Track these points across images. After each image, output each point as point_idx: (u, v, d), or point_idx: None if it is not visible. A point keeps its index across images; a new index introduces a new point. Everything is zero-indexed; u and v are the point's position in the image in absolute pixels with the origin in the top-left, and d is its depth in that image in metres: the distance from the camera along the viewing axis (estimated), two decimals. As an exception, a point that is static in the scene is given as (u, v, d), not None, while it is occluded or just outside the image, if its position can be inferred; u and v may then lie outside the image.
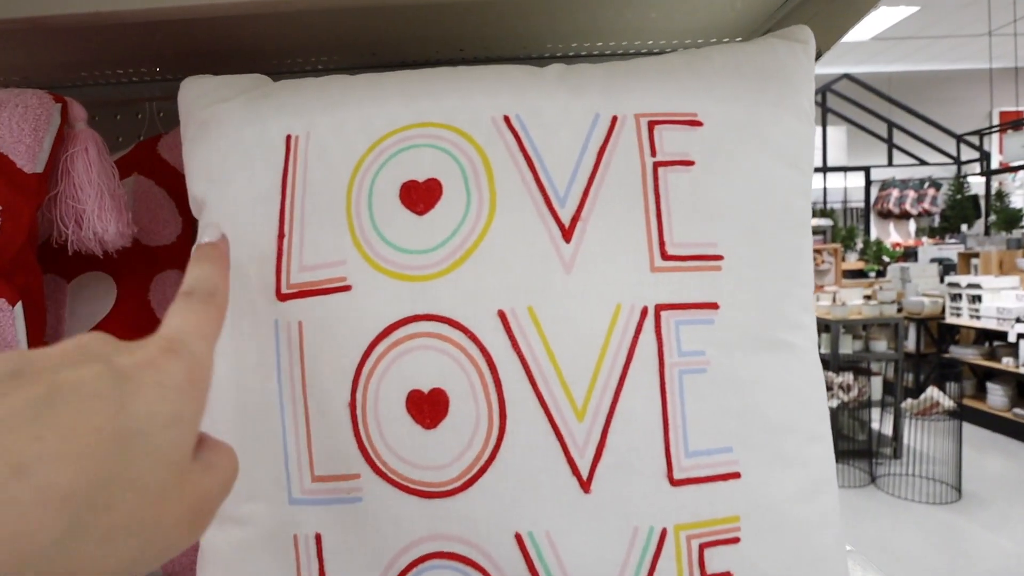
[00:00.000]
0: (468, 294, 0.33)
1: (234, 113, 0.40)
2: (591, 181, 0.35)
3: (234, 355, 0.36)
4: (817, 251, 4.84)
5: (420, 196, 0.35)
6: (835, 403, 3.61)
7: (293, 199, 0.36)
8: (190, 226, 0.63)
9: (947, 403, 3.37)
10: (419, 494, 0.33)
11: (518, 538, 0.32)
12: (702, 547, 0.33)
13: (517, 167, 0.35)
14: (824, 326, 3.95)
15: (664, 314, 0.33)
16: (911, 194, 7.67)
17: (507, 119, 0.36)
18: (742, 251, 0.35)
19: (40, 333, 0.48)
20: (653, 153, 0.35)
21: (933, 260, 5.71)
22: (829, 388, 3.69)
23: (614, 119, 0.36)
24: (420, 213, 0.34)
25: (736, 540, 0.33)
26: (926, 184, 7.64)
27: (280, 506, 0.34)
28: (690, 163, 0.35)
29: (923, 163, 7.14)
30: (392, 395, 0.33)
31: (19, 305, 0.46)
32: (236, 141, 0.39)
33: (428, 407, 0.33)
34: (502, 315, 0.33)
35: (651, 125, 0.36)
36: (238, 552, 0.36)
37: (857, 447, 3.74)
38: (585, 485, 0.32)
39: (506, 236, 0.34)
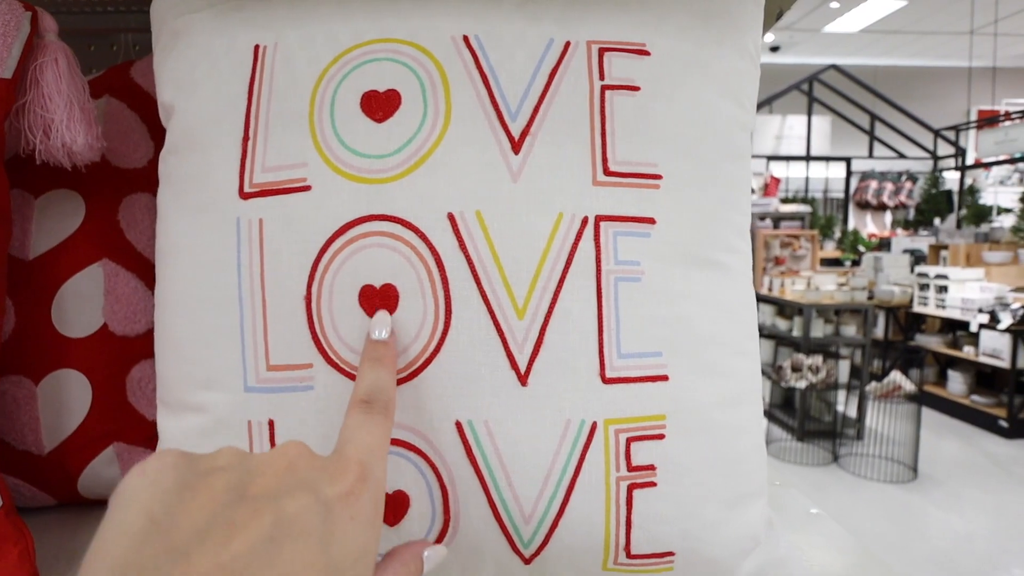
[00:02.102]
0: (421, 197, 0.35)
1: (205, 23, 0.41)
2: (542, 99, 0.37)
3: (196, 249, 0.38)
4: (795, 237, 4.92)
5: (380, 105, 0.36)
6: (803, 384, 3.70)
7: (259, 105, 0.38)
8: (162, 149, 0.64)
9: (908, 387, 3.48)
10: (368, 383, 0.35)
11: (458, 426, 0.35)
12: (629, 440, 0.35)
13: (473, 83, 0.37)
14: (797, 309, 4.03)
15: (603, 224, 0.36)
16: (889, 186, 7.80)
17: (466, 39, 0.38)
18: (680, 173, 0.38)
19: (5, 244, 0.49)
20: (602, 77, 0.37)
21: (906, 251, 5.83)
22: (799, 369, 3.78)
23: (567, 44, 0.38)
24: (379, 121, 0.36)
25: (661, 436, 0.36)
26: (904, 177, 7.76)
27: (236, 394, 0.36)
28: (636, 88, 0.37)
29: (902, 156, 7.24)
30: (346, 289, 0.35)
31: (-14, 211, 0.47)
32: (206, 50, 0.40)
33: (379, 301, 0.35)
34: (451, 217, 0.35)
35: (601, 52, 0.38)
36: (194, 438, 0.38)
37: (822, 427, 3.86)
38: (523, 379, 0.35)
39: (459, 145, 0.36)
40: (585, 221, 0.36)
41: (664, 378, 0.36)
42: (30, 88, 0.50)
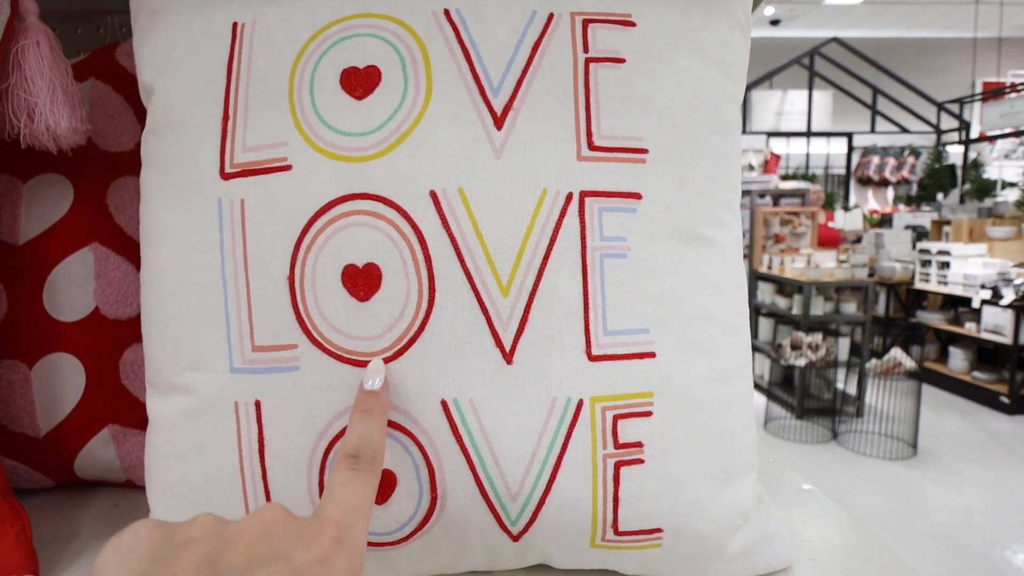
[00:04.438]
0: (402, 174, 0.34)
1: (183, 2, 0.40)
2: (524, 73, 0.36)
3: (178, 230, 0.37)
4: (795, 214, 4.90)
5: (360, 82, 0.36)
6: (803, 362, 3.71)
7: (238, 84, 0.37)
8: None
9: (909, 364, 3.48)
10: (353, 363, 0.35)
11: (444, 405, 0.35)
12: (616, 418, 0.35)
13: (454, 58, 0.36)
14: (797, 287, 4.03)
15: (588, 200, 0.35)
16: (891, 161, 7.73)
17: (447, 12, 0.37)
18: (667, 147, 0.37)
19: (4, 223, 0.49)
20: (586, 50, 0.37)
21: (908, 227, 5.81)
22: (798, 348, 3.79)
23: (550, 16, 0.37)
24: (359, 98, 0.36)
25: (648, 414, 0.36)
26: (906, 152, 7.69)
27: (222, 375, 0.36)
28: (621, 60, 0.37)
29: (905, 131, 7.17)
30: (328, 269, 0.35)
31: (-29, 195, 0.46)
32: (184, 28, 0.39)
33: (362, 280, 0.34)
34: (434, 195, 0.34)
35: (585, 23, 0.37)
36: (182, 419, 0.38)
37: (822, 405, 3.87)
38: (508, 357, 0.35)
39: (440, 121, 0.35)
40: (570, 197, 0.35)
41: (651, 355, 0.36)
42: (12, 71, 0.49)
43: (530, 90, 0.36)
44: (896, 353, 3.50)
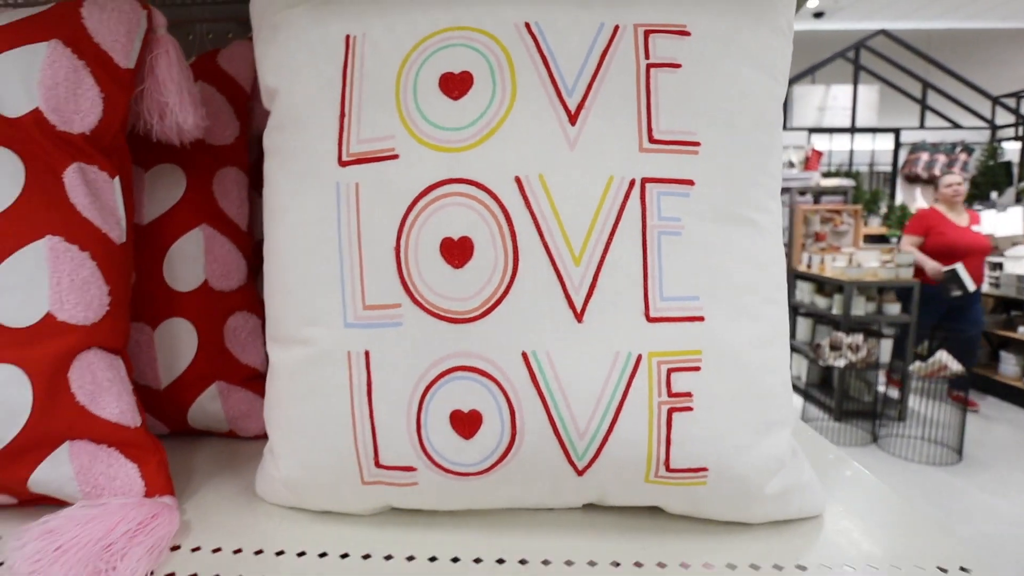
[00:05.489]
0: (492, 163, 0.41)
1: (301, 17, 0.47)
2: (594, 77, 0.42)
3: (301, 209, 0.45)
4: (836, 212, 4.82)
5: (455, 85, 0.43)
6: (842, 363, 3.66)
7: (352, 87, 0.44)
8: (246, 128, 0.71)
9: (955, 367, 3.41)
10: (448, 320, 0.42)
11: (524, 356, 0.41)
12: (669, 371, 0.42)
13: (534, 64, 0.43)
14: (838, 287, 3.97)
15: (648, 186, 0.41)
16: (941, 158, 7.49)
17: (528, 25, 0.43)
18: (717, 141, 0.43)
19: (131, 205, 0.57)
20: (647, 56, 0.43)
21: (957, 227, 5.62)
22: (838, 348, 3.74)
23: (616, 28, 0.43)
24: (455, 99, 0.42)
25: (698, 368, 0.42)
26: (958, 148, 7.44)
27: (337, 329, 0.44)
28: (677, 65, 0.43)
29: (956, 126, 6.94)
30: (429, 241, 0.41)
31: (117, 179, 0.55)
32: (304, 41, 0.47)
33: (457, 251, 0.41)
34: (518, 180, 0.41)
35: (646, 33, 0.43)
36: (301, 367, 0.45)
37: (861, 407, 3.81)
38: (579, 317, 0.41)
39: (523, 118, 0.42)
40: (632, 183, 0.41)
41: (701, 319, 0.42)
42: (147, 76, 0.57)
43: (599, 91, 0.42)
44: (942, 356, 3.43)
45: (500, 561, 0.42)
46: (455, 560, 0.42)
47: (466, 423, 0.42)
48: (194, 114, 0.58)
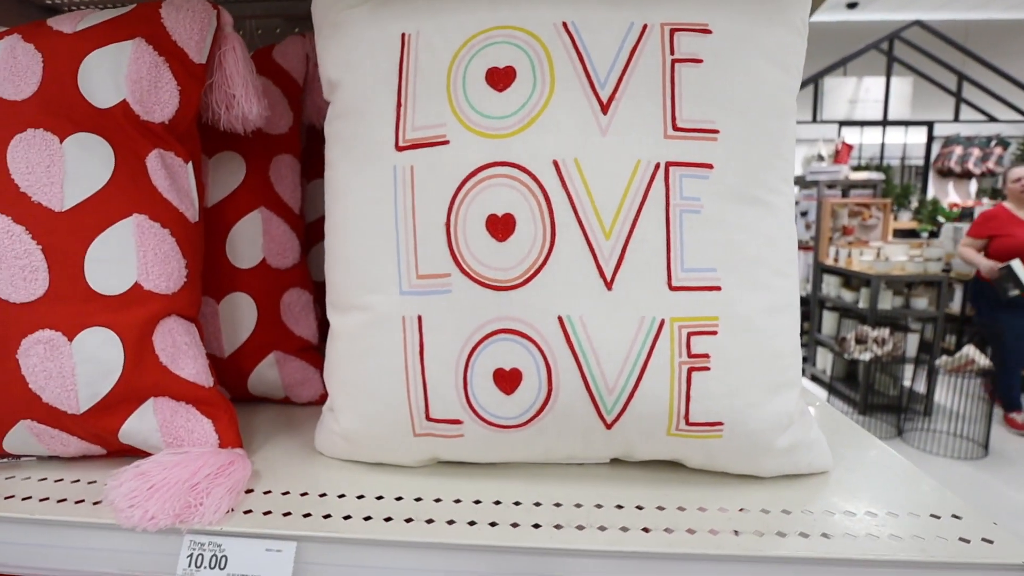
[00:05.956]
0: (532, 148, 0.46)
1: (361, 17, 0.53)
2: (624, 71, 0.47)
3: (361, 190, 0.50)
4: (865, 206, 4.77)
5: (500, 78, 0.48)
6: (867, 356, 3.64)
7: (407, 80, 0.50)
8: (299, 118, 0.77)
9: (983, 362, 3.37)
10: (492, 287, 0.47)
11: (560, 320, 0.46)
12: (689, 334, 0.46)
13: (571, 59, 0.47)
14: (865, 281, 3.94)
15: (672, 169, 0.46)
16: (975, 152, 7.33)
17: (565, 24, 0.48)
18: (734, 129, 0.47)
19: (201, 188, 0.64)
20: (672, 53, 0.47)
21: (990, 221, 5.51)
22: (863, 342, 3.72)
23: (644, 26, 0.48)
24: (500, 91, 0.48)
25: (715, 332, 0.47)
26: (993, 142, 7.27)
27: (393, 296, 0.49)
28: (699, 61, 0.47)
29: (992, 119, 6.79)
30: (476, 217, 0.47)
31: (190, 164, 0.61)
32: (363, 38, 0.52)
33: (501, 226, 0.46)
34: (556, 163, 0.46)
35: (672, 32, 0.48)
36: (360, 330, 0.51)
37: (887, 401, 3.78)
38: (609, 285, 0.46)
39: (560, 108, 0.47)
40: (658, 166, 0.46)
41: (718, 288, 0.47)
42: (215, 71, 0.64)
43: (628, 84, 0.47)
44: (970, 350, 3.39)
45: (537, 504, 0.48)
46: (497, 503, 0.48)
47: (508, 380, 0.47)
48: (258, 105, 0.64)
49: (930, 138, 7.36)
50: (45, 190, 0.54)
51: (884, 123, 6.96)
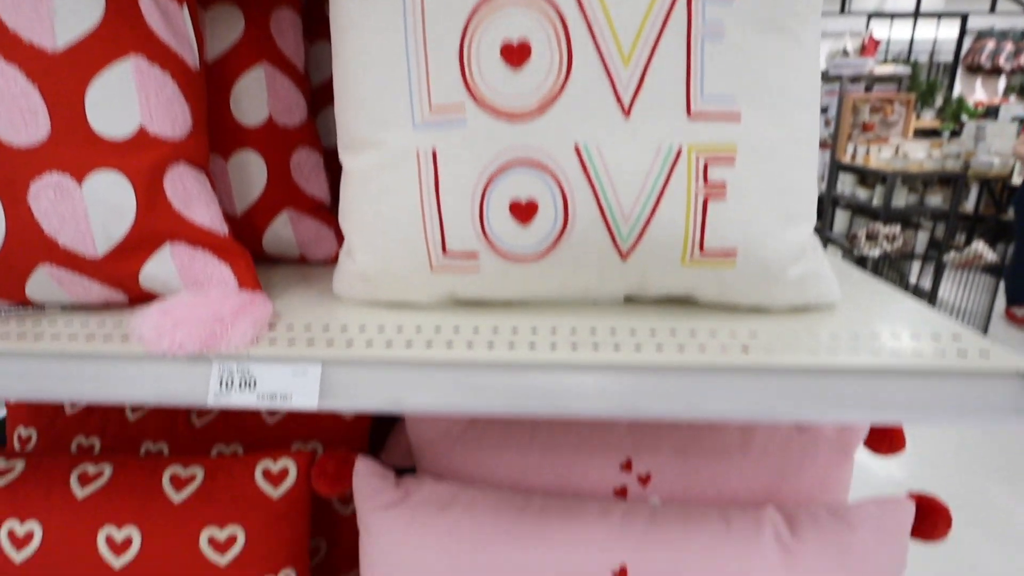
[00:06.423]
0: None
1: None
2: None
3: (369, 20, 0.48)
4: (888, 101, 4.58)
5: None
6: (877, 252, 3.64)
7: None
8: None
9: (990, 257, 3.37)
10: (507, 117, 0.46)
11: (576, 148, 0.46)
12: (707, 162, 0.46)
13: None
14: (881, 178, 3.86)
15: (695, -11, 0.44)
16: (1008, 46, 6.93)
17: None
18: None
19: (201, 40, 0.61)
20: None
21: (1015, 119, 5.32)
22: (874, 238, 3.70)
23: None
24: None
25: (732, 161, 0.46)
26: (1027, 34, 6.86)
27: (406, 130, 0.48)
28: None
29: (1030, 9, 6.36)
30: (491, 44, 0.45)
31: (185, 7, 0.59)
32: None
33: (516, 53, 0.45)
34: None
35: None
36: (373, 169, 0.51)
37: (892, 299, 3.82)
38: (626, 112, 0.45)
39: None
40: (680, -14, 0.44)
41: (737, 117, 0.46)
42: None
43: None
44: (978, 246, 3.38)
45: (553, 331, 0.49)
46: (515, 331, 0.49)
47: (524, 211, 0.47)
48: None
49: (962, 32, 6.95)
50: (35, 27, 0.52)
51: (916, 15, 6.55)
